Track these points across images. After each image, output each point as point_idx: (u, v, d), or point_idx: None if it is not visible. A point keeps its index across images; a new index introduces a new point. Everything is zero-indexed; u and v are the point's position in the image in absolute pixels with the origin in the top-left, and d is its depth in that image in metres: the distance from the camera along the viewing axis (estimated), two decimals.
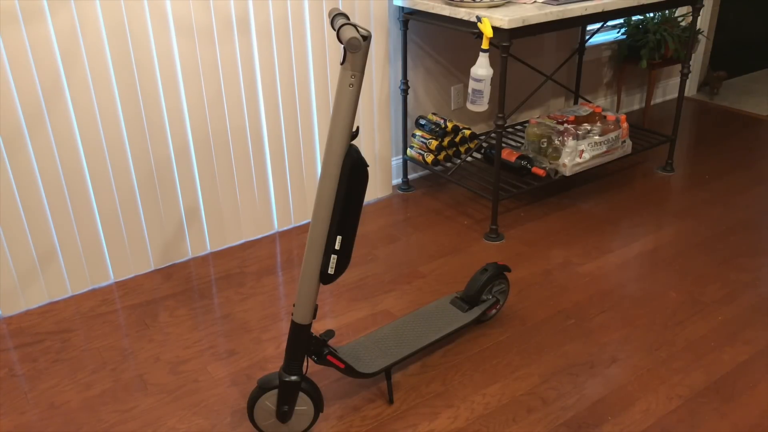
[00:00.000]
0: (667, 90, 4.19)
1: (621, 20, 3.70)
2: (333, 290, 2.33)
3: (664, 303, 2.24)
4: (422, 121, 2.95)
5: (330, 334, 1.72)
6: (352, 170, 1.53)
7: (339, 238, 1.58)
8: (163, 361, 2.00)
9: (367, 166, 1.55)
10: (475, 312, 2.03)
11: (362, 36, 1.39)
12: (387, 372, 1.83)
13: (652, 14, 3.57)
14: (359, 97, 1.75)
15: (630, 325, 2.14)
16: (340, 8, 2.38)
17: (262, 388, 1.65)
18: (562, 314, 2.19)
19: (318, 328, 2.12)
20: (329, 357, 1.72)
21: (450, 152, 2.94)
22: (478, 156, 3.19)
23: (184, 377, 1.93)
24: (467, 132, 2.98)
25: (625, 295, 2.29)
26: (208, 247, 2.57)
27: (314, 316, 1.63)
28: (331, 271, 1.61)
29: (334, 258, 1.59)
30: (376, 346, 1.87)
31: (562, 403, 1.82)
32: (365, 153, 2.83)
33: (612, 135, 2.94)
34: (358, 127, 1.59)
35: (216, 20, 2.28)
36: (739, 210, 2.85)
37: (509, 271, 2.11)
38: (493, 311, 2.15)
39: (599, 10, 2.54)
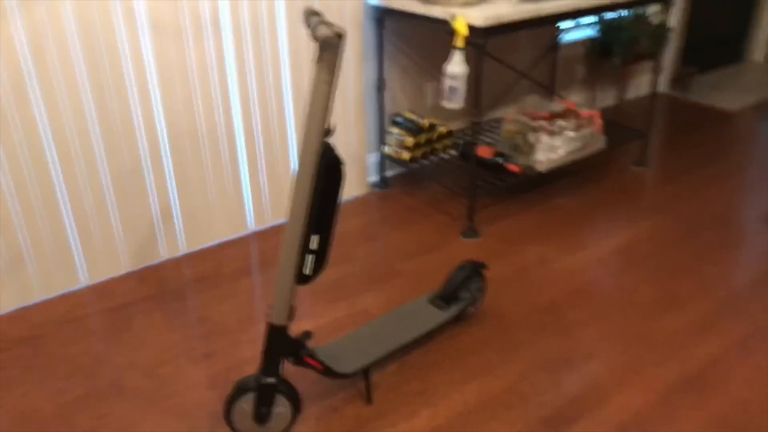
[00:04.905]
0: (641, 86, 4.24)
1: (595, 18, 3.73)
2: (311, 290, 2.31)
3: (639, 298, 2.27)
4: (398, 119, 2.95)
5: (308, 335, 1.71)
6: (327, 168, 1.52)
7: (315, 237, 1.57)
8: (139, 365, 1.97)
9: (343, 164, 1.54)
10: (453, 310, 2.04)
11: (336, 34, 1.38)
12: (365, 372, 1.82)
13: (625, 12, 3.60)
14: (334, 95, 1.74)
15: (606, 320, 2.16)
16: (315, 7, 2.36)
17: (240, 390, 1.63)
18: (539, 311, 2.20)
19: (296, 329, 2.10)
20: (307, 358, 1.71)
21: (427, 150, 2.94)
22: (455, 153, 3.19)
23: (160, 381, 1.90)
24: (443, 129, 2.98)
25: (600, 290, 2.31)
26: (183, 249, 2.54)
27: (291, 318, 1.62)
28: (307, 271, 1.60)
29: (310, 258, 1.58)
30: (354, 346, 1.86)
31: (540, 400, 1.83)
32: (341, 151, 2.82)
33: (586, 131, 2.97)
34: (333, 125, 1.57)
35: (187, 19, 2.25)
36: (711, 204, 2.89)
37: (486, 268, 2.12)
38: (471, 309, 2.15)
39: (573, 8, 2.56)
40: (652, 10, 3.78)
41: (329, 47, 1.40)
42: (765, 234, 2.66)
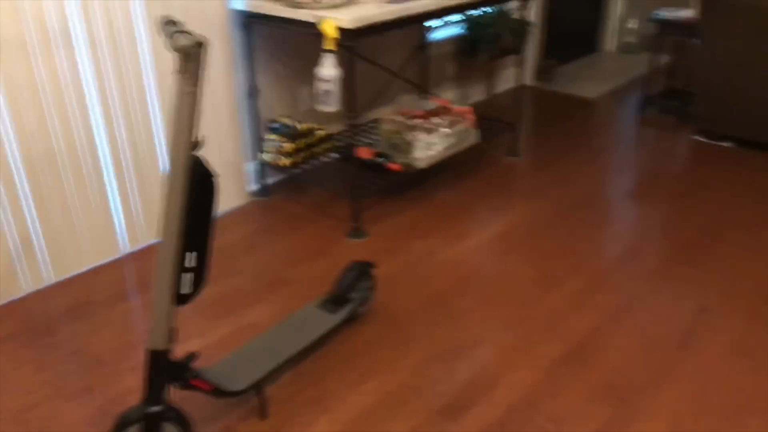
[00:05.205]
0: (508, 80, 4.43)
1: (460, 16, 3.86)
2: (194, 309, 2.22)
3: (520, 280, 2.36)
4: (275, 125, 2.90)
5: (192, 356, 1.63)
6: (198, 182, 1.46)
7: (191, 254, 1.50)
8: (6, 410, 1.80)
9: (214, 175, 1.48)
10: (344, 312, 2.02)
11: (196, 43, 1.33)
12: (258, 387, 1.77)
13: (488, 9, 3.75)
14: (200, 106, 1.67)
15: (491, 305, 2.23)
16: (173, 16, 2.27)
17: (123, 423, 1.53)
18: (429, 303, 2.24)
19: (181, 351, 2.01)
20: (193, 381, 1.63)
21: (307, 154, 2.91)
22: (336, 156, 3.19)
23: (31, 426, 1.75)
24: (322, 133, 2.96)
25: (484, 277, 2.39)
26: (49, 279, 2.35)
27: (172, 341, 1.54)
28: (186, 290, 1.52)
29: (188, 276, 1.51)
30: (244, 362, 1.81)
31: (436, 390, 1.86)
32: (216, 162, 2.73)
33: (460, 127, 3.06)
34: (202, 137, 1.52)
35: (33, 31, 2.08)
36: (580, 187, 3.07)
37: (374, 267, 2.12)
38: (362, 309, 2.15)
39: (439, 7, 2.63)
40: (514, 6, 3.96)
41: (190, 57, 1.34)
42: (629, 210, 2.86)
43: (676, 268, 2.43)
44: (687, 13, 3.82)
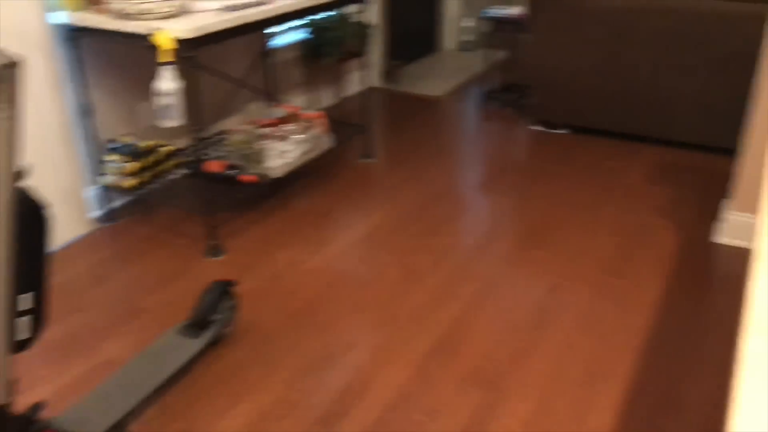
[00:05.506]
0: (356, 82, 4.49)
1: (302, 21, 3.85)
2: (39, 353, 2.02)
3: (386, 280, 2.40)
4: (115, 145, 2.71)
5: (38, 407, 1.48)
6: (25, 215, 1.32)
7: (26, 296, 1.36)
8: None
9: (44, 207, 1.35)
10: (207, 336, 1.94)
11: (7, 63, 1.20)
12: (120, 427, 1.64)
13: (330, 13, 3.77)
14: (21, 130, 1.52)
15: (359, 309, 2.24)
16: None
17: None
18: (296, 315, 2.21)
19: (26, 403, 1.82)
20: None
21: (153, 173, 2.75)
22: (186, 171, 3.05)
23: None
24: (169, 148, 2.82)
25: (350, 281, 2.39)
26: None
27: (12, 393, 1.38)
28: (24, 335, 1.38)
29: (24, 320, 1.37)
30: (101, 403, 1.67)
31: (311, 402, 1.84)
32: (50, 190, 2.51)
33: (313, 132, 3.05)
34: (26, 165, 1.38)
35: None
36: (434, 183, 3.18)
37: (235, 285, 2.05)
38: (226, 330, 2.07)
39: (278, 12, 2.59)
40: (354, 9, 4.02)
41: (2, 79, 1.21)
42: (481, 201, 3.00)
43: (526, 251, 2.58)
44: (516, 10, 4.08)
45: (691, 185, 3.10)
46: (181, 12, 2.39)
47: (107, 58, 2.72)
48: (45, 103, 2.43)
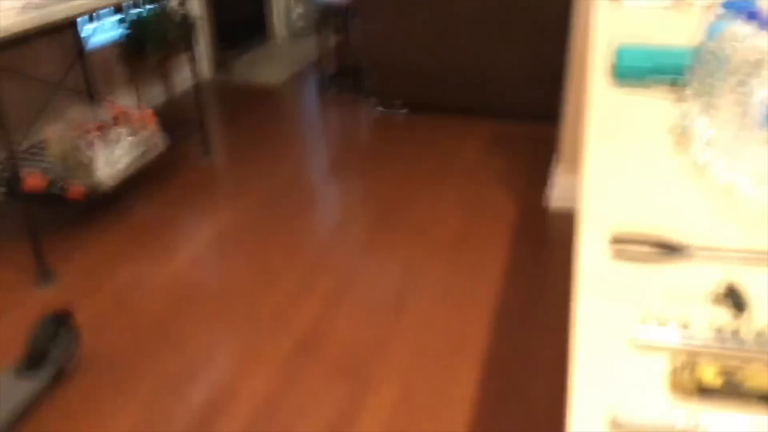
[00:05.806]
0: (187, 77, 4.27)
1: (118, 16, 3.57)
2: None
3: (240, 284, 2.32)
4: None
5: None
6: None
7: None
8: None
9: None
10: (46, 374, 1.76)
11: None
12: None
13: (148, 7, 3.54)
14: None
15: (215, 318, 2.15)
16: None
17: None
18: (147, 335, 2.07)
19: None
20: None
21: None
22: (3, 191, 2.73)
23: None
24: None
25: (203, 290, 2.29)
26: None
27: None
28: None
29: None
30: None
31: (172, 423, 1.74)
32: None
33: (144, 133, 2.85)
34: None
35: None
36: (279, 176, 3.11)
37: (71, 314, 1.88)
38: (69, 364, 1.89)
39: (87, 9, 2.39)
40: (175, 2, 3.80)
41: None
42: (329, 190, 2.99)
43: (379, 235, 2.62)
44: None
45: (524, 154, 3.31)
46: None
47: None
48: None
